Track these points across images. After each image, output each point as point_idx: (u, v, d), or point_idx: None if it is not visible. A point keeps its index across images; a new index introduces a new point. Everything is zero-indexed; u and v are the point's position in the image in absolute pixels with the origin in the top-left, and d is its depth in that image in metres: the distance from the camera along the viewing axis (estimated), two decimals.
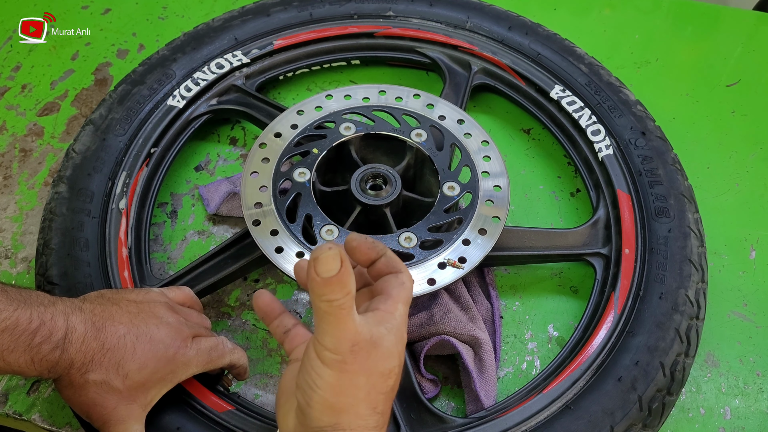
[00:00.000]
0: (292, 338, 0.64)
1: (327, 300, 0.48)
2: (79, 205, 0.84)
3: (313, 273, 0.48)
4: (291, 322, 0.65)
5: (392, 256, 0.58)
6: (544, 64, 1.00)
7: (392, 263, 0.58)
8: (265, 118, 0.94)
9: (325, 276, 0.47)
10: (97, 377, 0.62)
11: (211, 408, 0.71)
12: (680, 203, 0.85)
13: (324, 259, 0.47)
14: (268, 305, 0.65)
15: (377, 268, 0.58)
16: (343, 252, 0.48)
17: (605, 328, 0.77)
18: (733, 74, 1.12)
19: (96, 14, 1.19)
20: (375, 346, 0.52)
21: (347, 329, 0.50)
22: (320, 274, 0.47)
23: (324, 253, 0.47)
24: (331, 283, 0.47)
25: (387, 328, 0.53)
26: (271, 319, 0.65)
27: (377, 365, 0.52)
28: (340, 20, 1.05)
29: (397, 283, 0.57)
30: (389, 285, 0.57)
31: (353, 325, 0.50)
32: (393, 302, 0.55)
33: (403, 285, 0.57)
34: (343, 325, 0.50)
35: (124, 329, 0.64)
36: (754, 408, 0.80)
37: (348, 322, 0.50)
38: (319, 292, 0.48)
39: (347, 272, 0.48)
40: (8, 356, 0.58)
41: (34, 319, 0.59)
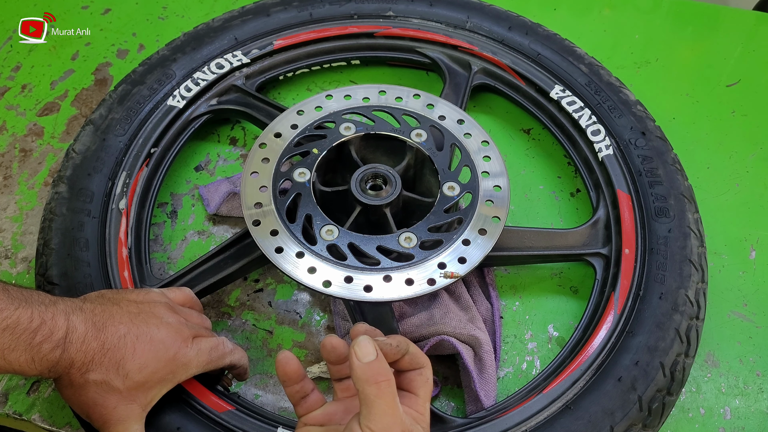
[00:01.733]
0: (308, 403, 0.64)
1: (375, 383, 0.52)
2: (79, 205, 0.84)
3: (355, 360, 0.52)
4: (310, 387, 0.64)
5: (415, 352, 0.59)
6: (544, 64, 1.00)
7: (416, 359, 0.59)
8: (265, 118, 0.94)
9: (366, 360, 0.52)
10: (98, 377, 0.62)
11: (211, 408, 0.71)
12: (680, 203, 0.85)
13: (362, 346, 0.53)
14: (295, 372, 0.63)
15: (401, 364, 0.59)
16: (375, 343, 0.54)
17: (605, 328, 0.77)
18: (733, 74, 1.12)
19: (96, 14, 1.19)
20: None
21: (396, 415, 0.53)
22: (361, 359, 0.52)
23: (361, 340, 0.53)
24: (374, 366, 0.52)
25: (422, 427, 0.56)
26: (292, 384, 0.63)
27: None
28: (340, 20, 1.05)
29: (423, 381, 0.59)
30: (416, 384, 0.59)
31: (400, 412, 0.53)
32: (422, 402, 0.58)
33: (427, 382, 0.59)
34: (392, 411, 0.52)
35: (125, 329, 0.64)
36: (754, 408, 0.80)
37: (396, 408, 0.53)
38: (365, 376, 0.52)
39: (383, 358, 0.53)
40: (9, 355, 0.58)
41: (35, 318, 0.59)
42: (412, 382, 0.59)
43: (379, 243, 0.77)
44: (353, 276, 0.74)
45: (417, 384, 0.59)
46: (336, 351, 0.61)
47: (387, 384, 0.52)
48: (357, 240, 0.77)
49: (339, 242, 0.77)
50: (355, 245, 0.77)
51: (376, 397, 0.52)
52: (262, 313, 0.86)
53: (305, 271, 0.75)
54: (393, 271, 0.75)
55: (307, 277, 0.74)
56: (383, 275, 0.75)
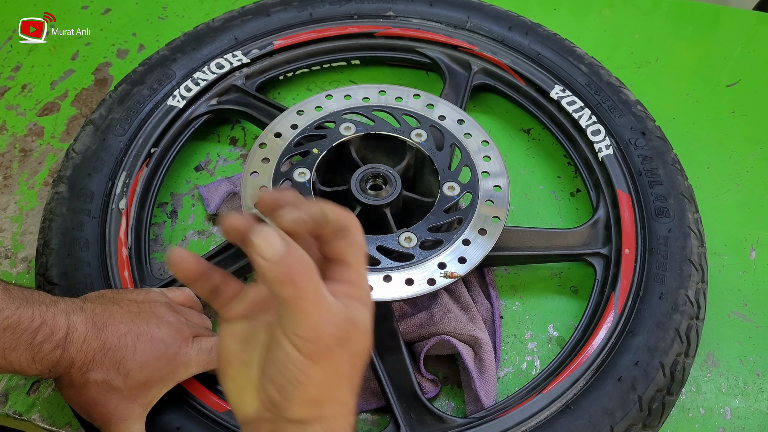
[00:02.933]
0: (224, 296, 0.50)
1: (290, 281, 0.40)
2: (79, 205, 0.84)
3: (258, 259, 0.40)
4: (218, 277, 0.50)
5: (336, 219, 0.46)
6: (544, 64, 1.00)
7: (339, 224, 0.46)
8: (265, 118, 0.94)
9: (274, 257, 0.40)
10: (98, 376, 0.62)
11: (211, 408, 0.71)
12: (680, 203, 0.86)
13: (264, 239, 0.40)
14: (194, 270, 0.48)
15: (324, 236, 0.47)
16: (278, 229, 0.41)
17: (605, 328, 0.77)
18: (733, 74, 1.12)
19: (96, 14, 1.19)
20: (353, 326, 0.45)
21: (324, 311, 0.42)
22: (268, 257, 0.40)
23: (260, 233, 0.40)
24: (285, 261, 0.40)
25: (360, 302, 0.46)
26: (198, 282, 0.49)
27: (357, 346, 0.46)
28: (340, 20, 1.05)
29: (349, 244, 0.47)
30: (341, 248, 0.47)
31: (328, 306, 0.43)
32: (355, 270, 0.47)
33: (356, 244, 0.47)
34: (318, 307, 0.42)
35: (125, 329, 0.64)
36: (754, 408, 0.80)
37: (323, 303, 0.42)
38: (276, 275, 0.40)
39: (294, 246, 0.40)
40: (9, 355, 0.59)
41: (35, 317, 0.59)
42: (338, 249, 0.47)
43: (379, 243, 0.77)
44: None
45: (341, 249, 0.47)
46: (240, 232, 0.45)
47: (306, 278, 0.41)
48: None
49: None
50: None
51: (296, 298, 0.41)
52: None
53: None
54: (393, 271, 0.75)
55: None
56: (383, 275, 0.75)
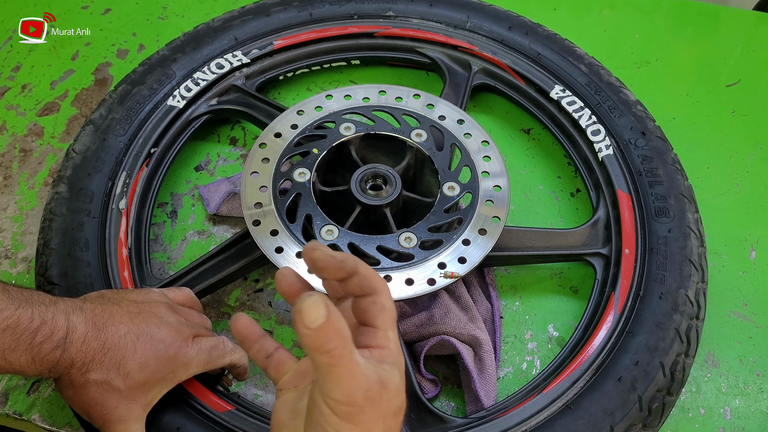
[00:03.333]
0: (276, 364, 0.59)
1: (326, 351, 0.44)
2: (79, 205, 0.84)
3: (301, 327, 0.44)
4: (272, 345, 0.60)
5: (365, 274, 0.52)
6: (544, 64, 1.00)
7: (366, 282, 0.52)
8: (265, 118, 0.94)
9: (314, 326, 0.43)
10: (98, 377, 0.62)
11: (211, 408, 0.71)
12: (680, 203, 0.86)
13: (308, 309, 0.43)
14: (247, 328, 0.60)
15: (351, 288, 0.53)
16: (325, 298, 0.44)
17: (605, 328, 0.77)
18: (733, 74, 1.12)
19: (96, 14, 1.19)
20: (384, 387, 0.49)
21: (357, 377, 0.46)
22: (309, 325, 0.44)
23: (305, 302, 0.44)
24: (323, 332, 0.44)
25: (390, 363, 0.50)
26: (251, 343, 0.60)
27: (390, 406, 0.49)
28: (340, 20, 1.05)
29: (378, 309, 0.52)
30: (371, 314, 0.52)
31: (360, 371, 0.47)
32: (383, 334, 0.52)
33: (384, 309, 0.52)
34: (351, 374, 0.46)
35: (125, 329, 0.64)
36: (754, 408, 0.80)
37: (355, 370, 0.46)
38: (315, 344, 0.44)
39: (336, 316, 0.44)
40: (9, 355, 0.59)
41: (35, 318, 0.59)
42: (367, 313, 0.52)
43: (379, 243, 0.77)
44: None
45: (372, 314, 0.52)
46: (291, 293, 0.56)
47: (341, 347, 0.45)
48: (357, 240, 0.77)
49: (339, 242, 0.77)
50: (355, 245, 0.77)
51: (331, 366, 0.45)
52: (262, 313, 0.86)
53: (305, 271, 0.75)
54: (393, 271, 0.75)
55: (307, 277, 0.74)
56: (383, 275, 0.75)
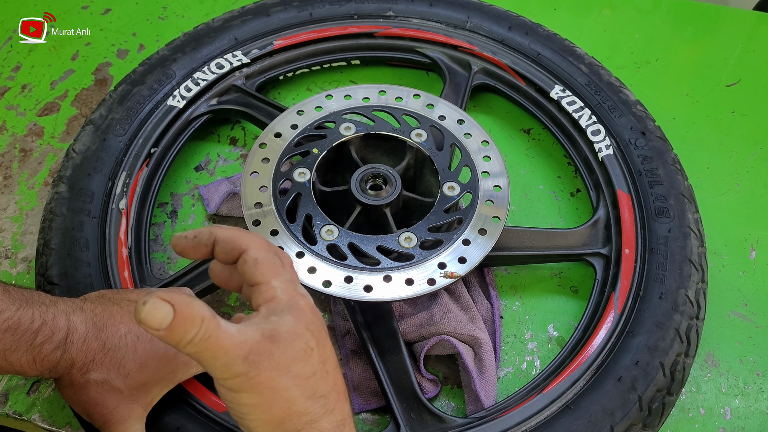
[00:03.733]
0: None
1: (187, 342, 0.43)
2: (79, 205, 0.84)
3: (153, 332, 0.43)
4: None
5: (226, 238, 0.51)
6: (544, 64, 1.00)
7: (230, 246, 0.51)
8: (265, 118, 0.94)
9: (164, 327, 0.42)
10: (98, 377, 0.62)
11: (211, 408, 0.71)
12: (680, 203, 0.86)
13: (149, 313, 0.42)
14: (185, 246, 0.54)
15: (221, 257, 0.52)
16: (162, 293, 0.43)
17: (605, 328, 0.77)
18: (733, 74, 1.12)
19: (96, 14, 1.19)
20: (272, 341, 0.47)
21: (226, 350, 0.45)
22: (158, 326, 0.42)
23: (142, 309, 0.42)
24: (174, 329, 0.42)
25: (277, 313, 0.49)
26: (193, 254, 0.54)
27: (287, 355, 0.48)
28: (340, 20, 1.05)
29: (251, 265, 0.50)
30: (248, 273, 0.51)
31: (231, 341, 0.45)
32: (266, 287, 0.50)
33: (257, 262, 0.50)
34: (219, 351, 0.45)
35: (125, 329, 0.64)
36: (754, 408, 0.80)
37: (223, 344, 0.45)
38: (173, 342, 0.43)
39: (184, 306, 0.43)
40: (10, 356, 0.59)
41: (36, 318, 0.59)
42: (245, 274, 0.51)
43: (379, 243, 0.77)
44: (353, 276, 0.74)
45: (249, 273, 0.50)
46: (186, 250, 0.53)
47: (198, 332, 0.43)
48: (357, 240, 0.77)
49: (339, 242, 0.77)
50: (355, 245, 0.77)
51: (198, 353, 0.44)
52: None
53: (305, 271, 0.75)
54: (393, 271, 0.75)
55: (307, 277, 0.74)
56: (383, 275, 0.75)
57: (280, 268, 0.52)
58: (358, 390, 0.79)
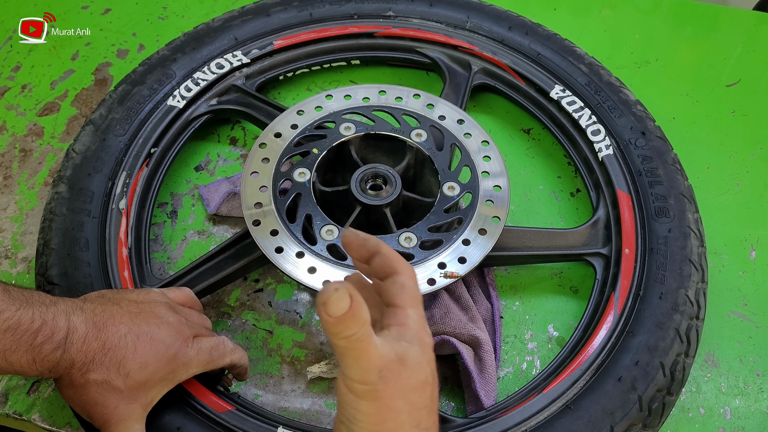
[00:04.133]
0: None
1: (344, 336, 0.47)
2: (79, 205, 0.84)
3: (324, 315, 0.47)
4: None
5: (387, 255, 0.56)
6: (544, 64, 1.00)
7: (387, 263, 0.55)
8: (265, 118, 0.94)
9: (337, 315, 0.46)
10: (98, 377, 0.62)
11: (211, 408, 0.71)
12: (680, 203, 0.86)
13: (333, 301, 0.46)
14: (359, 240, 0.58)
15: (374, 268, 0.56)
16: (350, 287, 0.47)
17: (605, 328, 0.77)
18: (733, 74, 1.12)
19: (96, 14, 1.19)
20: (402, 363, 0.50)
21: (371, 358, 0.49)
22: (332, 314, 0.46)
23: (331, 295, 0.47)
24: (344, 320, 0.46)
25: (407, 340, 0.52)
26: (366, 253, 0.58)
27: (410, 382, 0.51)
28: (340, 20, 1.05)
29: (398, 288, 0.54)
30: (391, 293, 0.55)
31: (375, 351, 0.49)
32: (402, 312, 0.54)
33: (404, 288, 0.54)
34: (365, 355, 0.48)
35: (125, 329, 0.64)
36: (754, 408, 0.80)
37: (370, 351, 0.48)
38: (335, 331, 0.47)
39: (358, 304, 0.47)
40: (10, 356, 0.58)
41: (35, 319, 0.59)
42: (388, 292, 0.54)
43: None
44: None
45: (392, 293, 0.54)
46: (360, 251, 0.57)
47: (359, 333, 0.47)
48: None
49: (339, 242, 0.77)
50: None
51: (348, 348, 0.48)
52: (262, 313, 0.86)
53: (305, 271, 0.75)
54: None
55: (307, 277, 0.74)
56: None
57: (419, 302, 0.55)
58: None
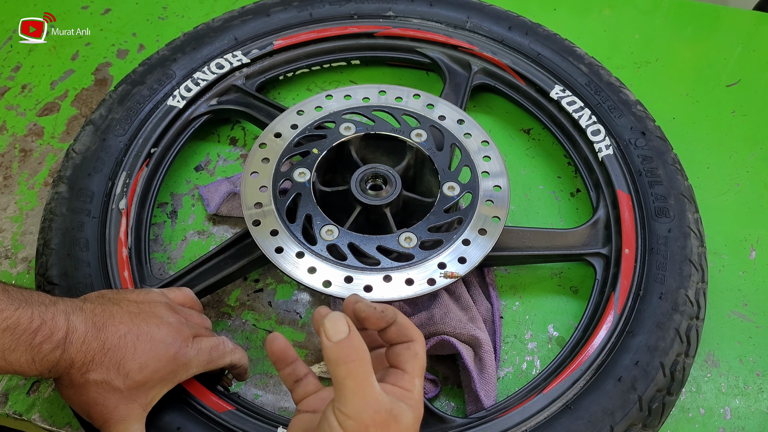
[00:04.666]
0: (303, 387, 0.62)
1: (344, 363, 0.48)
2: (79, 205, 0.84)
3: (324, 340, 0.48)
4: (303, 371, 0.63)
5: (403, 323, 0.57)
6: (544, 64, 1.00)
7: (403, 331, 0.56)
8: (265, 118, 0.94)
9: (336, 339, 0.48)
10: (98, 377, 0.62)
11: (211, 408, 0.71)
12: (680, 203, 0.86)
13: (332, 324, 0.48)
14: (283, 352, 0.62)
15: (388, 336, 0.57)
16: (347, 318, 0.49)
17: (605, 328, 0.77)
18: (733, 74, 1.12)
19: (96, 14, 1.19)
20: (395, 421, 0.51)
21: (368, 396, 0.49)
22: (331, 338, 0.48)
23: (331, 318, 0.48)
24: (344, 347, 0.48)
25: (407, 404, 0.53)
26: (283, 366, 0.62)
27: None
28: (340, 20, 1.05)
29: (411, 355, 0.56)
30: (403, 359, 0.56)
31: (373, 392, 0.50)
32: (410, 378, 0.55)
33: (416, 357, 0.56)
34: (363, 392, 0.49)
35: (125, 329, 0.64)
36: (754, 408, 0.80)
37: (368, 389, 0.49)
38: (334, 356, 0.48)
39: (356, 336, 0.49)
40: (9, 356, 0.58)
41: (35, 318, 0.59)
42: (399, 357, 0.56)
43: (379, 243, 0.77)
44: (353, 276, 0.74)
45: (404, 359, 0.55)
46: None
47: (359, 363, 0.49)
48: (357, 240, 0.77)
49: (339, 242, 0.77)
50: (355, 245, 0.77)
51: (346, 378, 0.48)
52: (262, 313, 0.86)
53: (305, 271, 0.75)
54: (393, 271, 0.75)
55: (307, 277, 0.74)
56: (383, 275, 0.75)
57: (424, 371, 0.57)
58: None
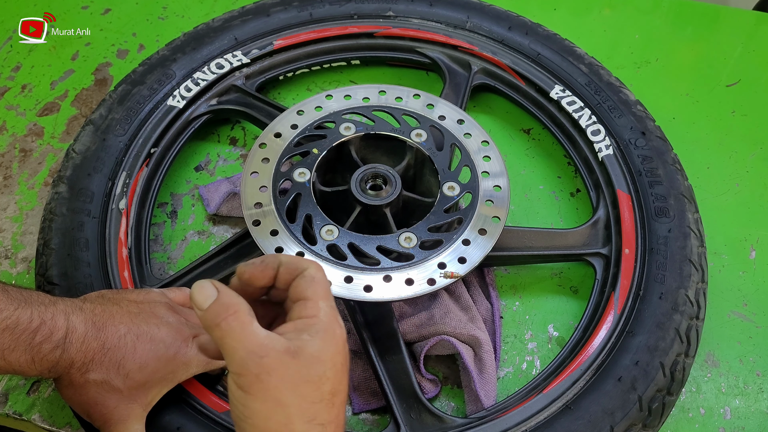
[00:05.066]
0: None
1: (217, 325, 0.48)
2: (79, 205, 0.84)
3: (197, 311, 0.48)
4: None
5: (289, 261, 0.55)
6: (544, 64, 1.00)
7: (292, 267, 0.54)
8: (265, 118, 0.94)
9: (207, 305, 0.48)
10: (98, 377, 0.62)
11: (211, 408, 0.71)
12: (680, 203, 0.85)
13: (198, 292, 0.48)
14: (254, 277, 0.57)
15: (282, 279, 0.55)
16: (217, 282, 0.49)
17: (605, 328, 0.77)
18: (733, 74, 1.12)
19: (96, 14, 1.19)
20: (294, 356, 0.49)
21: (249, 345, 0.48)
22: (201, 305, 0.48)
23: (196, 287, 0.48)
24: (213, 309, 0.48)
25: (310, 333, 0.51)
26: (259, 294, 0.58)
27: (302, 375, 0.49)
28: (340, 20, 1.05)
29: (308, 281, 0.53)
30: (301, 288, 0.53)
31: (255, 339, 0.48)
32: (312, 304, 0.52)
33: (314, 280, 0.53)
34: (242, 343, 0.48)
35: (125, 329, 0.64)
36: (754, 408, 0.80)
37: (247, 339, 0.48)
38: (207, 323, 0.48)
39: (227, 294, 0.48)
40: (9, 355, 0.59)
41: (34, 318, 0.59)
42: (297, 288, 0.53)
43: (379, 243, 0.77)
44: (353, 276, 0.74)
45: (302, 287, 0.53)
46: None
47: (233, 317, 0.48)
48: (357, 240, 0.77)
49: (339, 242, 0.77)
50: (355, 245, 0.77)
51: (223, 338, 0.48)
52: None
53: None
54: (393, 271, 0.75)
55: None
56: (383, 275, 0.75)
57: (330, 294, 0.54)
58: (358, 390, 0.79)
